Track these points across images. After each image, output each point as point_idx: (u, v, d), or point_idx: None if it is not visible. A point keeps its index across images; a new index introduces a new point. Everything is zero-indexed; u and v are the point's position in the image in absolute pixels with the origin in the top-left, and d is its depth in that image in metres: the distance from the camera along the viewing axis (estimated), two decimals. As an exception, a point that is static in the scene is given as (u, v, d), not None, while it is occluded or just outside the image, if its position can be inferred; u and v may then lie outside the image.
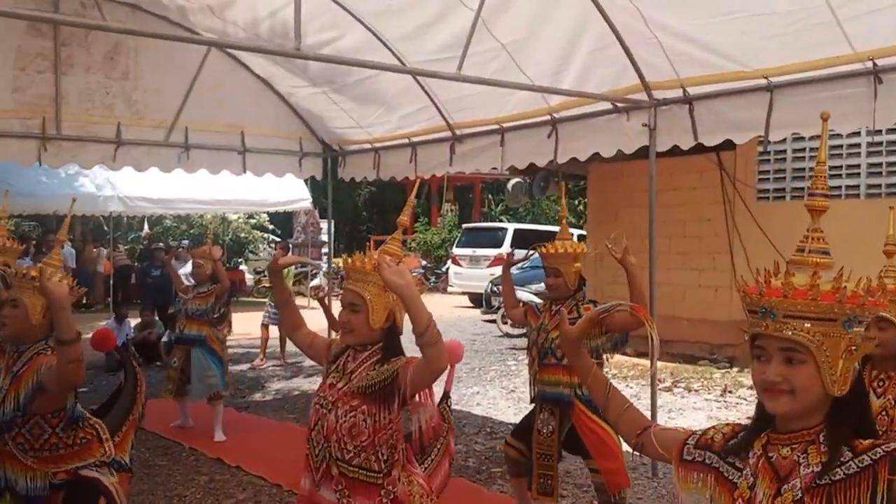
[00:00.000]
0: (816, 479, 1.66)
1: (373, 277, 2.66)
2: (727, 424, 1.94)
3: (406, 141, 8.18)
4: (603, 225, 11.65)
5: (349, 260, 2.75)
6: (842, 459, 1.65)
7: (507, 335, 13.82)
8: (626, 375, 10.06)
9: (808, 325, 1.67)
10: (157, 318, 11.52)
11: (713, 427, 1.95)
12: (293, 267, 14.96)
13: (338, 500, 2.59)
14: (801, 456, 1.71)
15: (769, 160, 10.50)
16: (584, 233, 21.13)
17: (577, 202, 28.37)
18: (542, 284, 15.99)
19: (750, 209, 10.37)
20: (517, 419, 7.87)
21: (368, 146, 8.74)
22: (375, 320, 2.67)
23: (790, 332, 1.67)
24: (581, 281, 4.39)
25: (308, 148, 9.11)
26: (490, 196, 31.93)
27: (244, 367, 11.12)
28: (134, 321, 11.65)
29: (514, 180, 14.78)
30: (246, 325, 11.99)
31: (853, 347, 1.68)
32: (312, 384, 9.12)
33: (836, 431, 1.69)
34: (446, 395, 3.33)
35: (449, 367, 3.40)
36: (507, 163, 7.33)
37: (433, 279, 24.45)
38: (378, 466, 2.61)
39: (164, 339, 10.56)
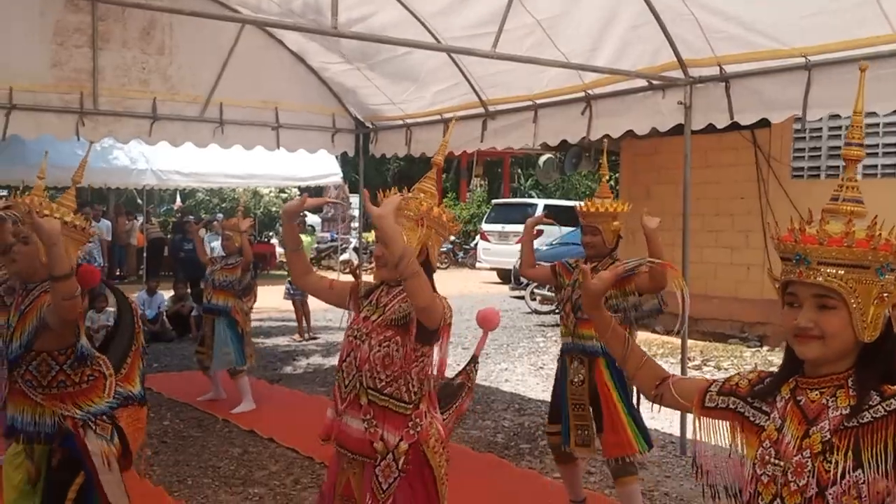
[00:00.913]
0: (844, 422, 1.69)
1: (407, 212, 2.71)
2: (752, 371, 1.98)
3: (438, 117, 8.18)
4: (635, 202, 11.43)
5: (382, 196, 2.77)
6: (870, 403, 1.69)
7: (536, 312, 13.84)
8: (654, 354, 10.04)
9: (842, 272, 1.69)
10: (189, 291, 11.66)
11: (737, 374, 1.98)
12: (313, 240, 15.02)
13: (365, 428, 2.64)
14: (829, 399, 1.74)
15: (805, 138, 10.36)
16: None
17: (608, 178, 28.16)
18: (571, 260, 16.03)
19: (784, 187, 10.25)
20: (546, 396, 7.93)
21: (400, 122, 8.75)
22: None
23: (823, 279, 1.70)
24: (617, 240, 4.39)
25: (341, 124, 9.14)
26: (520, 171, 31.83)
27: (277, 340, 11.26)
28: (167, 294, 11.83)
29: (545, 156, 14.73)
30: (276, 299, 12.11)
31: (885, 294, 1.71)
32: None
33: (864, 376, 1.73)
34: (474, 359, 3.39)
35: (482, 333, 3.47)
36: (539, 139, 7.31)
37: (461, 255, 24.49)
38: (408, 397, 2.66)
39: (194, 312, 10.70)
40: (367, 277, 3.11)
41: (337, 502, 2.81)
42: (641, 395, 4.28)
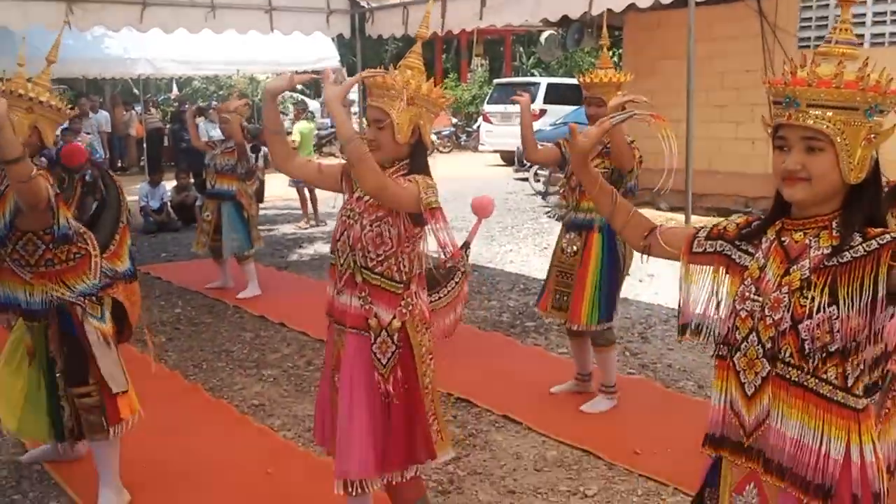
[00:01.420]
0: (825, 261, 1.75)
1: (395, 92, 2.68)
2: (741, 216, 2.03)
3: (435, -6, 7.94)
4: (639, 78, 11.31)
5: (374, 76, 2.74)
6: (852, 244, 1.74)
7: (540, 193, 13.81)
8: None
9: (830, 113, 1.72)
10: (192, 181, 11.64)
11: (725, 219, 2.03)
12: (314, 126, 14.81)
13: (361, 305, 2.70)
14: (812, 240, 1.79)
15: (811, 6, 10.08)
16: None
17: (611, 53, 27.56)
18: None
19: (791, 58, 10.03)
20: (551, 275, 8.04)
21: (397, 1, 8.51)
22: (401, 136, 2.69)
23: (812, 121, 1.73)
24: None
25: (335, 4, 8.91)
26: (521, 49, 31.14)
27: (283, 228, 11.31)
28: (170, 185, 11.81)
29: (546, 33, 14.39)
30: (280, 186, 12.09)
31: (872, 136, 1.74)
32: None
33: (849, 217, 1.77)
34: (466, 245, 3.43)
35: (476, 220, 3.48)
36: (539, 15, 7.13)
37: (464, 138, 24.26)
38: (399, 277, 2.71)
39: (198, 202, 10.70)
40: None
41: (327, 371, 2.91)
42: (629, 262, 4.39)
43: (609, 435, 4.25)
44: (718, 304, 1.96)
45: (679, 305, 2.05)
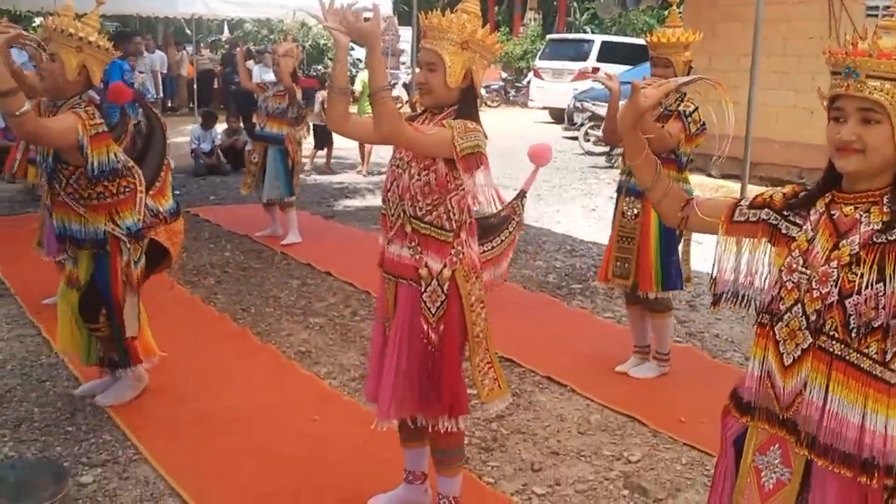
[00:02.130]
0: (874, 237, 1.75)
1: (450, 35, 2.65)
2: (788, 186, 2.01)
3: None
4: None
5: (426, 17, 2.72)
6: None
7: (589, 153, 13.66)
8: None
9: (888, 85, 1.72)
10: (242, 125, 11.67)
11: (769, 189, 2.02)
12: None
13: (411, 255, 2.71)
14: (863, 215, 1.79)
15: (884, -27, 9.71)
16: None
17: (666, 13, 26.85)
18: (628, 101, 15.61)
19: (857, 27, 9.71)
20: (597, 237, 7.97)
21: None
22: (453, 80, 2.66)
23: (869, 92, 1.73)
24: (689, 72, 4.25)
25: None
26: (576, 5, 30.57)
27: (330, 177, 11.33)
28: (221, 128, 11.86)
29: (606, -11, 14.04)
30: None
31: None
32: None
33: None
34: (522, 194, 3.38)
35: (533, 168, 3.45)
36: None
37: (513, 93, 24.01)
38: (449, 226, 2.70)
39: (248, 146, 10.73)
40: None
41: (378, 321, 2.93)
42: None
43: (654, 402, 4.23)
44: (758, 273, 1.97)
45: (713, 274, 2.04)
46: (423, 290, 2.71)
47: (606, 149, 13.66)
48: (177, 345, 4.69)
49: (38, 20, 13.42)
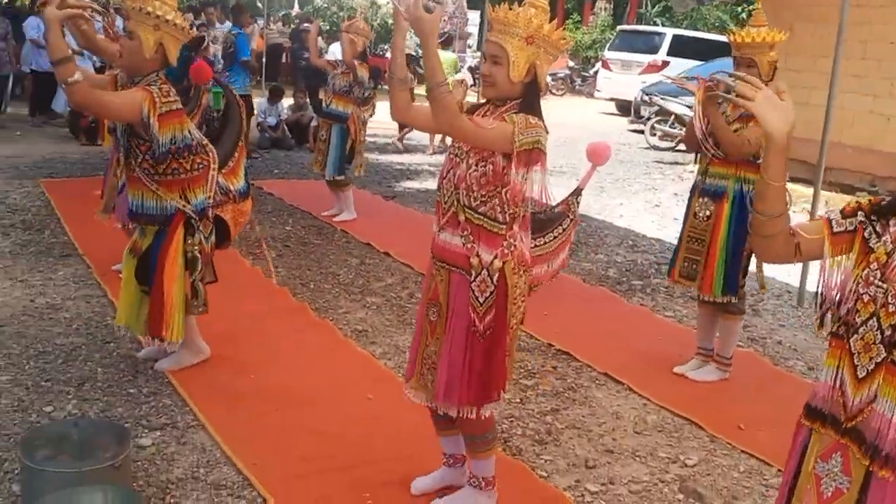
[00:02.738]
0: None
1: (516, 29, 2.62)
2: (872, 196, 1.98)
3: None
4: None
5: (493, 10, 2.68)
6: None
7: (654, 147, 13.46)
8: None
9: None
10: (308, 101, 11.74)
11: (853, 198, 1.99)
12: (456, 60, 14.59)
13: (462, 244, 2.71)
14: None
15: (978, -23, 9.34)
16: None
17: (740, 9, 26.35)
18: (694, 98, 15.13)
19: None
20: (660, 234, 7.86)
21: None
22: (516, 74, 2.64)
23: None
24: (774, 72, 4.13)
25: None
26: (648, -3, 30.07)
27: (391, 157, 11.36)
28: (287, 102, 11.96)
29: (683, -19, 13.78)
30: (385, 115, 12.08)
31: None
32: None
33: None
34: (578, 191, 3.38)
35: (590, 166, 3.40)
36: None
37: (579, 82, 23.76)
38: (503, 217, 2.68)
39: (313, 122, 10.78)
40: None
41: (422, 304, 2.93)
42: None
43: (712, 406, 4.15)
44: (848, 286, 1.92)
45: (819, 291, 1.97)
46: (472, 279, 2.70)
47: (672, 144, 13.46)
48: (238, 316, 4.77)
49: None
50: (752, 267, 4.35)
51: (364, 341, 4.69)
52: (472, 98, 6.94)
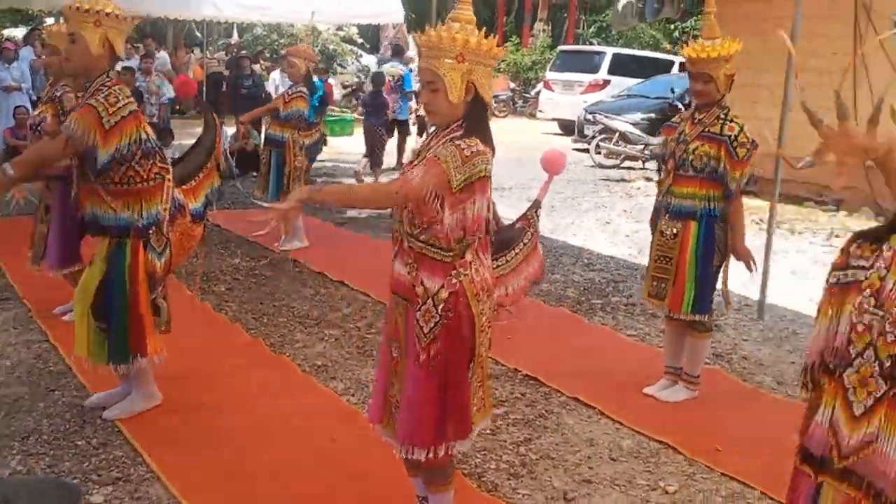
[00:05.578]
0: None
1: (444, 50, 2.50)
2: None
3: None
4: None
5: (420, 35, 2.57)
6: None
7: (600, 165, 13.51)
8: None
9: None
10: (252, 128, 11.50)
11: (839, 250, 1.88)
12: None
13: (407, 273, 2.60)
14: None
15: (910, -11, 9.56)
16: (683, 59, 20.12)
17: (672, 27, 26.81)
18: (638, 114, 15.38)
19: (883, 42, 9.56)
20: (614, 251, 7.82)
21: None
22: (455, 95, 2.52)
23: None
24: (731, 86, 4.09)
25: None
26: (584, 17, 30.48)
27: (342, 181, 11.16)
28: (230, 130, 11.69)
29: (623, 0, 13.90)
30: (340, 140, 11.93)
31: None
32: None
33: None
34: (536, 204, 3.28)
35: (547, 176, 3.31)
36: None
37: (521, 103, 23.88)
38: (446, 244, 2.55)
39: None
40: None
41: (384, 341, 2.81)
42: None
43: (687, 427, 4.05)
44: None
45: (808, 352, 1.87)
46: (416, 308, 2.58)
47: (617, 161, 13.53)
48: (188, 354, 4.54)
49: (49, 20, 13.30)
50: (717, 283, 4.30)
51: (324, 377, 4.50)
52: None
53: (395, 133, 12.07)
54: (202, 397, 4.11)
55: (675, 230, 4.16)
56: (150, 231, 3.59)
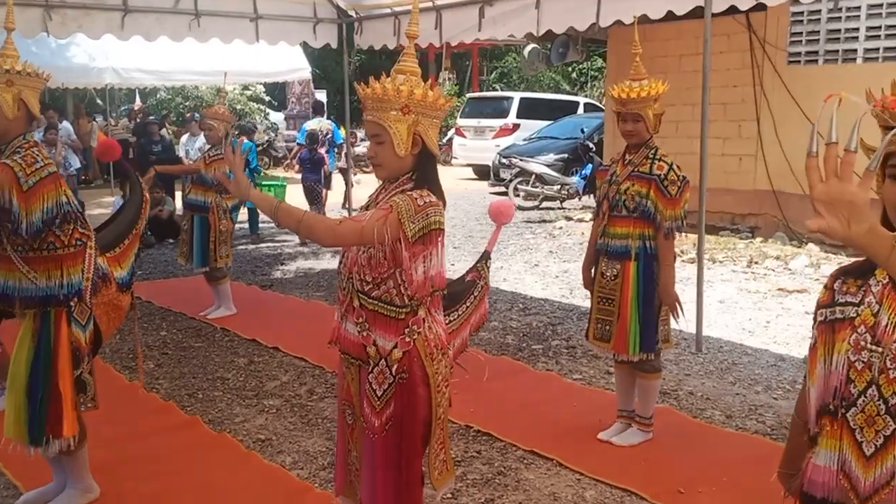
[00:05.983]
0: None
1: (389, 102, 2.45)
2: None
3: (430, 4, 7.69)
4: (623, 93, 11.27)
5: (365, 87, 2.51)
6: None
7: (520, 208, 13.61)
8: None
9: None
10: (165, 194, 11.20)
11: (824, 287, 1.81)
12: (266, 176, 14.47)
13: (358, 332, 2.52)
14: None
15: (802, 21, 10.02)
16: (592, 101, 20.66)
17: (570, 69, 27.56)
18: (551, 156, 15.57)
19: (780, 74, 9.99)
20: (546, 293, 7.82)
21: (388, 10, 8.25)
22: (402, 148, 2.47)
23: None
24: (659, 125, 4.12)
25: (322, 13, 8.61)
26: (485, 64, 31.07)
27: (259, 244, 10.93)
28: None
29: (530, 46, 14.17)
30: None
31: None
32: (334, 262, 8.91)
33: None
34: (487, 255, 3.25)
35: (496, 227, 3.27)
36: (543, 27, 6.89)
37: (433, 150, 24.05)
38: (400, 301, 2.48)
39: (178, 213, 10.27)
40: (365, 177, 2.80)
41: (339, 407, 2.72)
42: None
43: (647, 471, 4.00)
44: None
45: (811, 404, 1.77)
46: (370, 370, 2.49)
47: (536, 203, 13.68)
48: (122, 441, 4.27)
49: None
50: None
51: (270, 452, 4.29)
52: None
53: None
54: (141, 486, 3.85)
55: (614, 271, 4.15)
56: (72, 301, 3.34)
